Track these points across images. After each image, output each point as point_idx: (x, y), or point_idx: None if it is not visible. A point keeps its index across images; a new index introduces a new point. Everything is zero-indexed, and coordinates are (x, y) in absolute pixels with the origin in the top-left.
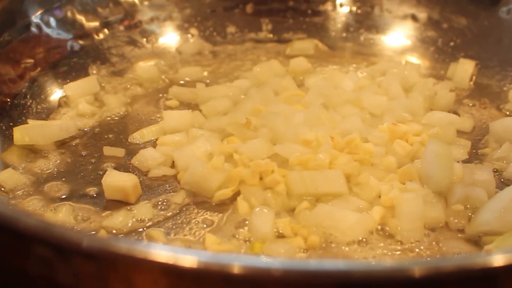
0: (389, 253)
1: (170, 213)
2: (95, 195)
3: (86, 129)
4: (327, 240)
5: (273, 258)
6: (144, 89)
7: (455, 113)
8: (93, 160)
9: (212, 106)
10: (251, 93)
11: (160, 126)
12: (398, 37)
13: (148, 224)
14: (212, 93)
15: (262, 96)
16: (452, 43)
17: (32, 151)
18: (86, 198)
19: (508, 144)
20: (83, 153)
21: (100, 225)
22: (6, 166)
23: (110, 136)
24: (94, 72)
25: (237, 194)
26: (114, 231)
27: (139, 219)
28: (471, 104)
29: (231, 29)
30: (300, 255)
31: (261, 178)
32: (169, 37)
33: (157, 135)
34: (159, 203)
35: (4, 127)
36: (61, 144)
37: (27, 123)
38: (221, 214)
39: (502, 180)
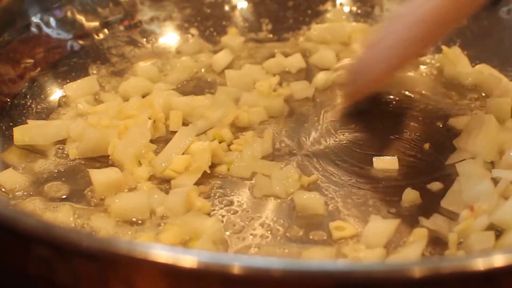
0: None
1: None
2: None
3: None
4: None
5: (273, 258)
6: None
7: None
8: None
9: None
10: None
11: None
12: None
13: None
14: None
15: None
16: (452, 43)
17: (32, 151)
18: (86, 198)
19: None
20: None
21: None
22: (6, 166)
23: None
24: (94, 72)
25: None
26: None
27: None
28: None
29: (231, 29)
30: None
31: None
32: (169, 37)
33: None
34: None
35: (4, 127)
36: (61, 144)
37: (27, 123)
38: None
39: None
